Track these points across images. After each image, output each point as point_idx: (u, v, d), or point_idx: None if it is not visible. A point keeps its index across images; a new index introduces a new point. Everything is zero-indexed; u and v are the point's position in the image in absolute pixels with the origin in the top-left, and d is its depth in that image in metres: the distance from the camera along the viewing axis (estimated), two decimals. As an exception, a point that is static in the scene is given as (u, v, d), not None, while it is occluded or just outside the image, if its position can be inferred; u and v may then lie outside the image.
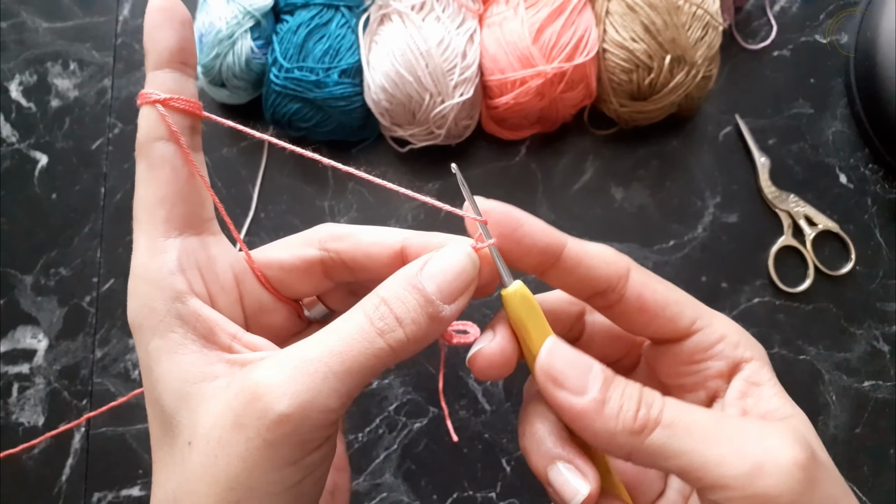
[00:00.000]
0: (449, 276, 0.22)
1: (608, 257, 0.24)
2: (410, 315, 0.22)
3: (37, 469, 0.50)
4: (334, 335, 0.21)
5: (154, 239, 0.23)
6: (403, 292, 0.22)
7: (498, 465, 0.48)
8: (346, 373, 0.21)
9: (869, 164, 0.52)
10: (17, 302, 0.53)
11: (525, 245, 0.24)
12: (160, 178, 0.23)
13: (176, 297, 0.22)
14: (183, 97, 0.24)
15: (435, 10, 0.47)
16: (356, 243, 0.26)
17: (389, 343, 0.21)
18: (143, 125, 0.23)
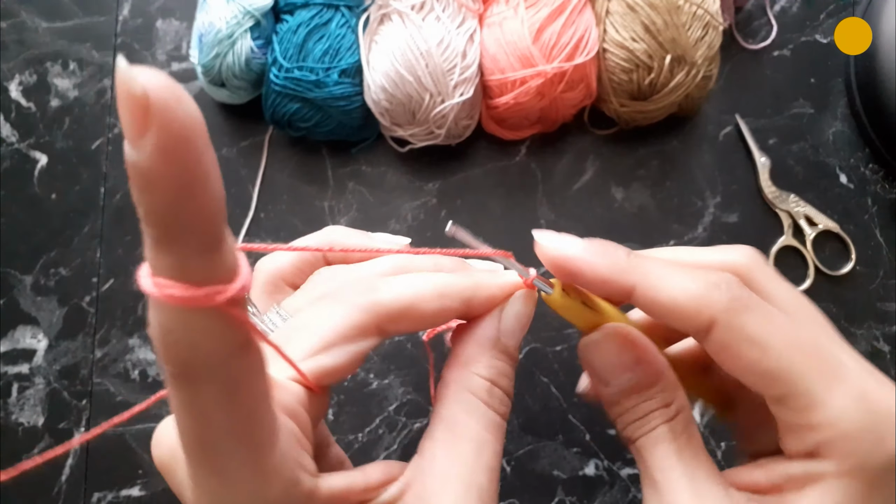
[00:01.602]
0: (523, 327, 0.23)
1: (687, 306, 0.20)
2: (511, 383, 0.22)
3: (36, 469, 0.50)
4: (485, 448, 0.21)
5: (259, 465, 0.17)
6: (500, 363, 0.22)
7: (498, 465, 0.48)
8: (494, 479, 0.21)
9: (869, 164, 0.52)
10: (16, 302, 0.53)
11: (590, 289, 0.23)
12: (249, 397, 0.16)
13: (311, 496, 0.19)
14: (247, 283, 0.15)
15: (435, 9, 0.47)
16: (420, 318, 0.22)
17: (506, 418, 0.22)
18: (201, 344, 0.15)
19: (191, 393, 0.16)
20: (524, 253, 0.25)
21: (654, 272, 0.21)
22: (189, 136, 0.13)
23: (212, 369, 0.15)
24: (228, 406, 0.16)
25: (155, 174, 0.12)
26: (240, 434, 0.17)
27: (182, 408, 0.16)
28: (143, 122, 0.12)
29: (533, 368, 0.49)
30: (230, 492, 0.17)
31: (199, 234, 0.14)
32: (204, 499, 0.17)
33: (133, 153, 0.12)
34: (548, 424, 0.49)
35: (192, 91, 0.55)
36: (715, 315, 0.20)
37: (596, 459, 0.48)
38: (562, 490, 0.48)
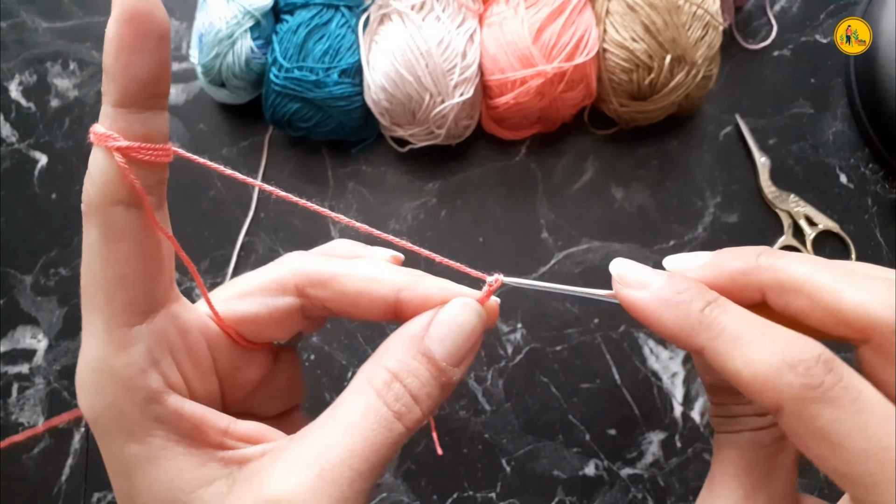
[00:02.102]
0: (458, 339, 0.21)
1: (753, 385, 0.18)
2: (425, 390, 0.20)
3: (37, 469, 0.50)
4: (352, 430, 0.19)
5: (117, 328, 0.19)
6: (414, 363, 0.20)
7: (498, 465, 0.48)
8: (370, 470, 0.19)
9: (869, 164, 0.52)
10: (16, 302, 0.53)
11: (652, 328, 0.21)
12: (120, 254, 0.18)
13: (151, 399, 0.19)
14: (153, 144, 0.18)
15: (435, 9, 0.47)
16: (341, 291, 0.22)
17: (407, 425, 0.20)
18: (97, 179, 0.18)
19: (85, 231, 0.19)
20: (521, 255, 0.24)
21: (728, 335, 0.19)
22: (137, 13, 0.18)
23: (98, 209, 0.18)
24: (102, 251, 0.18)
25: (109, 35, 0.18)
26: (107, 290, 0.19)
27: (83, 249, 0.19)
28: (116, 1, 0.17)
29: (533, 368, 0.49)
30: (85, 345, 0.19)
31: (122, 90, 0.18)
32: (80, 358, 0.19)
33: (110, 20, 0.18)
34: (548, 424, 0.49)
35: (192, 91, 0.55)
36: (782, 402, 0.17)
37: (596, 459, 0.48)
38: (562, 490, 0.48)
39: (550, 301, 0.50)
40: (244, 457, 0.20)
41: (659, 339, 0.50)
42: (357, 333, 0.49)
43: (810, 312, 0.19)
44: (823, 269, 0.19)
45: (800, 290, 0.19)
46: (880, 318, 0.18)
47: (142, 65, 0.18)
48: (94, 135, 0.18)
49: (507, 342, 0.50)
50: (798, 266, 0.19)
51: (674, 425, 0.48)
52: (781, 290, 0.19)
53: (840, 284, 0.19)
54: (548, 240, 0.51)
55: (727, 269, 0.21)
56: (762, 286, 0.20)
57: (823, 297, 0.19)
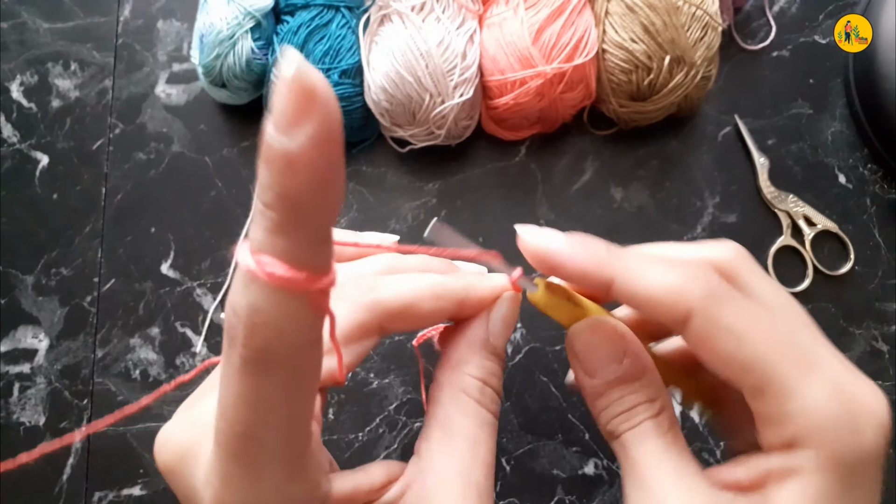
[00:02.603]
0: (510, 328, 0.24)
1: (665, 297, 0.20)
2: (501, 382, 0.23)
3: (37, 468, 0.50)
4: (478, 445, 0.22)
5: (292, 467, 0.18)
6: (490, 364, 0.23)
7: (497, 464, 0.49)
8: (490, 475, 0.22)
9: (868, 165, 0.52)
10: (17, 302, 0.53)
11: (571, 282, 0.24)
12: (306, 396, 0.17)
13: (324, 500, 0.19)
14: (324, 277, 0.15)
15: (435, 10, 0.47)
16: (417, 317, 0.23)
17: (497, 416, 0.23)
18: (285, 326, 0.15)
19: (260, 380, 0.15)
20: (520, 255, 0.25)
21: (633, 265, 0.21)
22: (337, 136, 0.14)
23: (290, 357, 0.15)
24: (292, 398, 0.16)
25: (303, 162, 0.13)
26: (289, 430, 0.17)
27: (242, 396, 0.16)
28: (304, 113, 0.13)
29: (532, 368, 0.50)
30: (259, 489, 0.17)
31: (318, 225, 0.15)
32: (227, 497, 0.17)
33: (282, 139, 0.13)
34: (547, 424, 0.49)
35: (193, 92, 0.55)
36: (692, 306, 0.20)
37: (595, 459, 0.48)
38: (561, 489, 0.48)
39: (550, 301, 0.50)
40: (388, 503, 0.21)
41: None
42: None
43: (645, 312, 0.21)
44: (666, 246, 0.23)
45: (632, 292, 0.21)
46: (722, 257, 0.22)
47: (341, 191, 0.15)
48: (281, 280, 0.14)
49: (506, 342, 0.50)
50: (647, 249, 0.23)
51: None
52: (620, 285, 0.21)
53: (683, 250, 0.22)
54: (547, 240, 0.51)
55: (595, 255, 0.23)
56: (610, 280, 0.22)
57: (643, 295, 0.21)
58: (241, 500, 0.17)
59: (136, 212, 0.53)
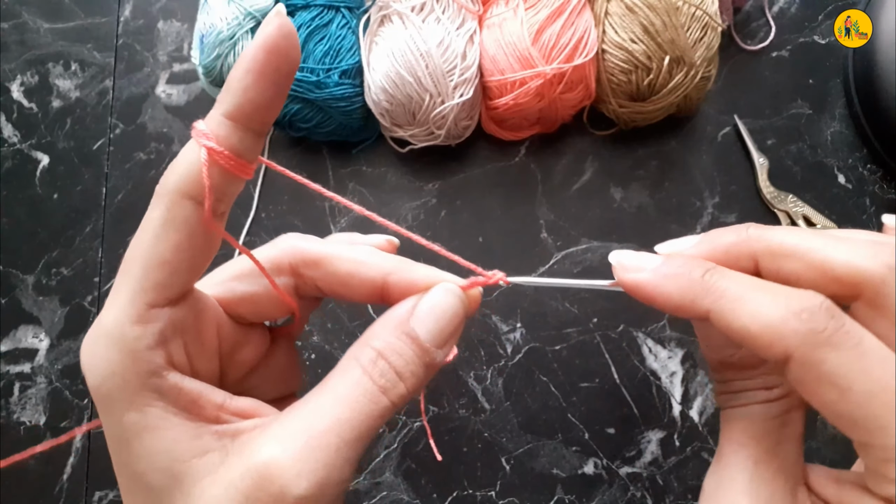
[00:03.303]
0: (441, 322, 0.22)
1: (761, 336, 0.18)
2: (409, 368, 0.21)
3: (38, 468, 0.50)
4: (340, 402, 0.20)
5: (141, 303, 0.20)
6: (399, 343, 0.21)
7: (497, 464, 0.49)
8: (356, 440, 0.20)
9: (867, 165, 0.52)
10: (18, 301, 0.53)
11: (666, 312, 0.22)
12: (172, 240, 0.20)
13: (153, 373, 0.20)
14: (241, 159, 0.20)
15: (435, 11, 0.47)
16: (332, 272, 0.24)
17: (392, 400, 0.21)
18: (180, 168, 0.20)
19: (150, 209, 0.20)
20: (520, 255, 0.25)
21: (730, 295, 0.19)
22: (274, 45, 0.19)
23: (167, 193, 0.20)
24: (158, 231, 0.20)
25: (243, 56, 0.19)
26: (147, 266, 0.20)
27: (140, 225, 0.20)
28: (266, 24, 0.19)
29: (532, 368, 0.50)
30: (106, 309, 0.20)
31: (234, 103, 0.19)
32: (98, 318, 0.20)
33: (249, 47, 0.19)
34: (547, 423, 0.49)
35: (193, 92, 0.55)
36: (790, 349, 0.18)
37: (595, 458, 0.48)
38: (561, 489, 0.48)
39: (549, 301, 0.50)
40: (238, 430, 0.21)
41: (658, 338, 0.50)
42: (357, 333, 0.50)
43: (803, 273, 0.20)
44: (812, 235, 0.20)
45: (791, 254, 0.20)
46: (869, 272, 0.19)
47: (261, 90, 0.19)
48: (193, 129, 0.20)
49: (506, 342, 0.50)
50: (788, 233, 0.20)
51: (672, 424, 0.49)
52: (773, 256, 0.20)
53: (829, 245, 0.19)
54: (547, 240, 0.51)
55: (720, 243, 0.21)
56: (754, 255, 0.21)
57: (814, 257, 0.19)
58: (97, 324, 0.20)
59: (136, 212, 0.53)
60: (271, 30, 0.19)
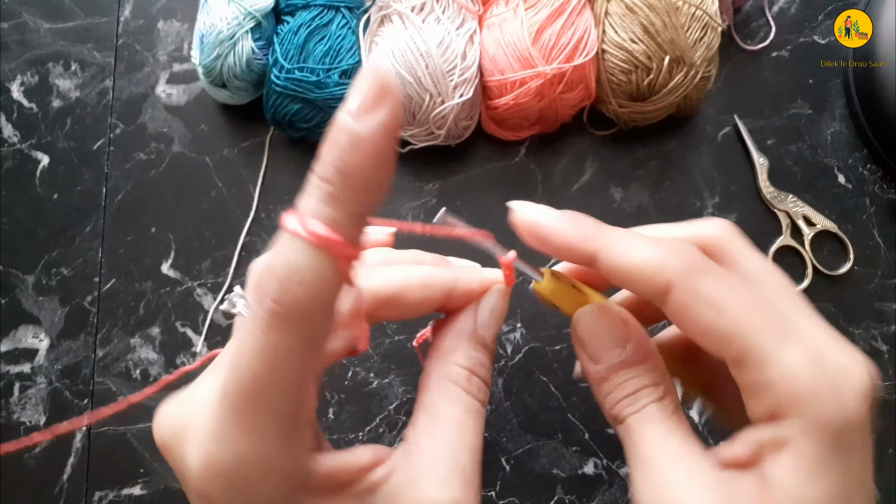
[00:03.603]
0: (499, 321, 0.25)
1: (645, 270, 0.21)
2: (490, 373, 0.24)
3: (38, 468, 0.50)
4: (465, 430, 0.22)
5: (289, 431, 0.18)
6: (479, 355, 0.24)
7: (497, 463, 0.49)
8: (478, 449, 0.22)
9: (867, 165, 0.52)
10: (18, 301, 0.53)
11: (557, 256, 0.24)
12: (316, 359, 0.18)
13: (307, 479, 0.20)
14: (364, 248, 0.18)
15: (435, 11, 0.47)
16: (404, 307, 0.24)
17: (485, 404, 0.23)
18: (312, 282, 0.17)
19: (282, 334, 0.17)
20: (520, 255, 0.25)
21: (617, 240, 0.22)
22: (397, 129, 0.16)
23: (313, 315, 0.17)
24: (306, 356, 0.17)
25: (367, 143, 0.16)
26: (296, 390, 0.18)
27: (260, 351, 0.17)
28: (377, 102, 0.16)
29: (532, 367, 0.50)
30: (251, 451, 0.18)
31: (363, 201, 0.17)
32: (217, 457, 0.18)
33: (353, 122, 0.16)
34: (547, 423, 0.49)
35: (193, 92, 0.55)
36: (671, 278, 0.20)
37: (595, 458, 0.48)
38: (561, 489, 0.48)
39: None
40: (373, 484, 0.21)
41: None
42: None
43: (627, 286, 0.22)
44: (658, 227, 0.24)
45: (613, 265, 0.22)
46: (712, 233, 0.23)
47: (389, 179, 0.17)
48: (320, 239, 0.16)
49: (506, 342, 0.50)
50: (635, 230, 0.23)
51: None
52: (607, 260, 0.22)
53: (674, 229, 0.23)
54: (547, 240, 0.51)
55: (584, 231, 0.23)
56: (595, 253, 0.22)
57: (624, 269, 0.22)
58: (230, 460, 0.18)
59: (136, 212, 0.54)
60: (396, 106, 0.16)
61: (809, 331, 0.21)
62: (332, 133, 0.16)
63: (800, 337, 0.20)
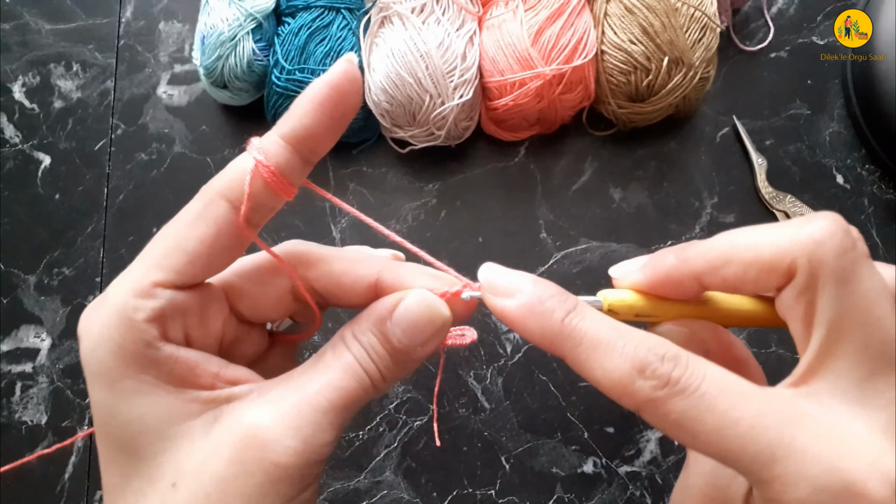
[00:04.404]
0: (418, 326, 0.22)
1: (611, 391, 0.19)
2: (383, 363, 0.22)
3: (40, 467, 0.51)
4: (329, 369, 0.22)
5: (146, 280, 0.20)
6: (374, 341, 0.22)
7: (497, 463, 0.49)
8: (342, 407, 0.21)
9: (866, 165, 0.53)
10: (20, 301, 0.53)
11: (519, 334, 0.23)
12: (198, 232, 0.21)
13: (148, 343, 0.20)
14: (285, 179, 0.21)
15: (435, 12, 0.48)
16: (327, 272, 0.24)
17: (373, 380, 0.22)
18: (228, 173, 0.21)
19: (192, 201, 0.21)
20: (520, 255, 0.25)
21: (585, 345, 0.20)
22: (338, 82, 0.21)
23: (210, 192, 0.21)
24: (190, 220, 0.21)
25: (309, 88, 0.21)
26: (169, 247, 0.21)
27: (178, 213, 0.21)
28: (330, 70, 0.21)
29: (532, 367, 0.50)
30: (117, 278, 0.21)
31: (291, 126, 0.21)
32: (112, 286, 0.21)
33: None
34: (546, 423, 0.49)
35: (194, 93, 0.55)
36: (638, 405, 0.19)
37: (594, 457, 0.49)
38: (560, 488, 0.48)
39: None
40: (231, 395, 0.22)
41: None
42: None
43: (743, 275, 0.20)
44: (741, 233, 0.21)
45: (727, 260, 0.21)
46: (797, 248, 0.19)
47: (317, 120, 0.21)
48: (249, 142, 0.21)
49: (506, 341, 0.50)
50: (719, 240, 0.21)
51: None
52: (713, 268, 0.21)
53: (756, 237, 0.20)
54: (546, 240, 0.52)
55: (662, 266, 0.22)
56: (695, 274, 0.21)
57: (745, 256, 0.20)
58: (115, 286, 0.21)
59: (137, 212, 0.54)
60: (339, 70, 0.21)
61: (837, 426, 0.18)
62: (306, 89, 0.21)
63: (808, 443, 0.18)
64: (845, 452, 0.17)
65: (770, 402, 0.18)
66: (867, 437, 0.18)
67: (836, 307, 0.19)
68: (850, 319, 0.19)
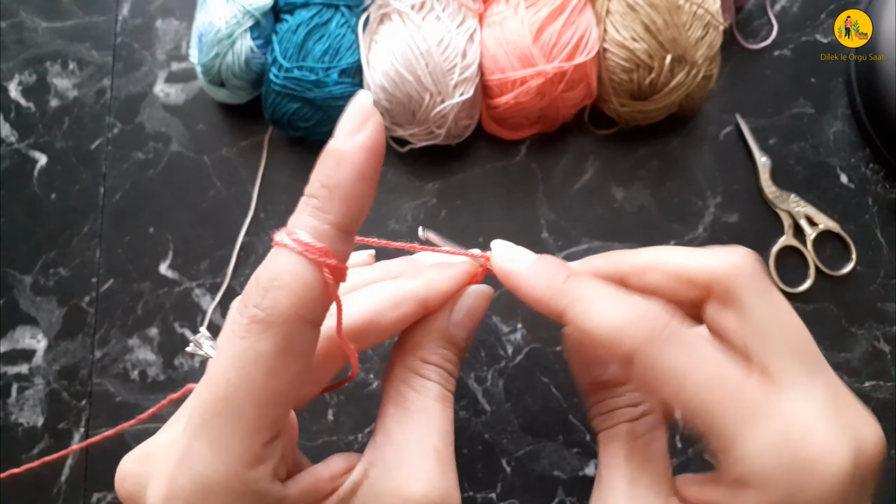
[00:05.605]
0: (473, 320, 0.25)
1: (608, 336, 0.20)
2: (456, 368, 0.24)
3: (36, 469, 0.50)
4: (435, 416, 0.22)
5: (257, 445, 0.18)
6: (447, 353, 0.24)
7: (498, 465, 0.48)
8: (451, 441, 0.22)
9: (870, 164, 0.52)
10: (15, 302, 0.53)
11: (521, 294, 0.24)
12: (292, 372, 0.18)
13: (280, 500, 0.19)
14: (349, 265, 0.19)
15: (435, 9, 0.47)
16: (380, 332, 0.23)
17: (452, 392, 0.24)
18: (298, 292, 0.17)
19: (259, 338, 0.17)
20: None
21: (585, 298, 0.21)
22: (377, 151, 0.18)
23: (291, 323, 0.17)
24: (280, 366, 0.17)
25: (348, 159, 0.18)
26: (266, 400, 0.17)
27: (235, 357, 0.17)
28: (360, 125, 0.18)
29: (533, 368, 0.49)
30: (217, 467, 0.17)
31: (346, 214, 0.18)
32: (180, 477, 0.17)
33: (337, 143, 0.18)
34: (548, 425, 0.49)
35: (191, 91, 0.55)
36: (634, 347, 0.20)
37: (596, 460, 0.48)
38: (562, 490, 0.48)
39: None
40: (354, 484, 0.21)
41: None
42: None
43: (663, 282, 0.23)
44: (669, 250, 0.24)
45: (651, 267, 0.23)
46: (719, 271, 0.21)
47: (371, 195, 0.19)
48: (303, 246, 0.17)
49: (507, 342, 0.50)
50: (648, 251, 0.24)
51: (674, 426, 0.48)
52: (639, 271, 0.23)
53: (683, 255, 0.23)
54: (548, 239, 0.51)
55: (591, 267, 0.25)
56: (622, 274, 0.24)
57: (670, 266, 0.22)
58: (193, 489, 0.17)
59: (134, 212, 0.53)
60: (375, 128, 0.18)
61: (790, 407, 0.19)
62: (321, 157, 0.18)
63: (772, 416, 0.19)
64: (802, 427, 0.19)
65: (746, 376, 0.20)
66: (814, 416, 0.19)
67: (762, 315, 0.21)
68: (775, 324, 0.21)
